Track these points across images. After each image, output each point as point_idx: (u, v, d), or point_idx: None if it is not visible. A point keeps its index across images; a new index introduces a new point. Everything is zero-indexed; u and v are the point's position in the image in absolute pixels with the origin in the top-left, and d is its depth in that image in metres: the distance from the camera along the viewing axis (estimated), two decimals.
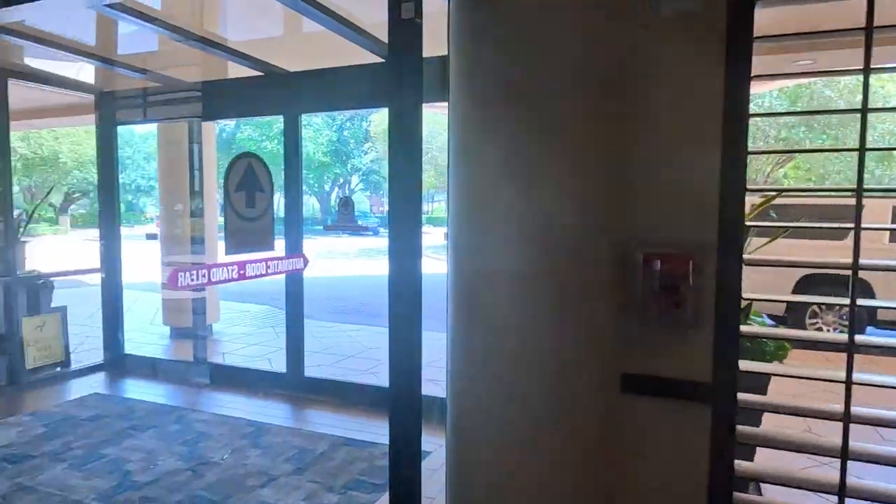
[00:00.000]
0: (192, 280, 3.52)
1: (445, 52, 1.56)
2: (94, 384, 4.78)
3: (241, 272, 3.84)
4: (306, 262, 4.56)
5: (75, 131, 34.48)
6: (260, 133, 36.57)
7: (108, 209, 5.18)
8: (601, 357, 1.64)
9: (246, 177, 3.98)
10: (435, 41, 1.70)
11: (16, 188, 42.38)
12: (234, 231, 3.91)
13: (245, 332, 7.05)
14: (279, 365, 5.13)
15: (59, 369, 5.00)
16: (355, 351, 6.14)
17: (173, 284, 3.38)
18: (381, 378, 4.98)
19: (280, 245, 4.49)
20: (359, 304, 9.89)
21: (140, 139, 62.12)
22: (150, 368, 5.07)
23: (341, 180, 46.36)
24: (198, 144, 5.19)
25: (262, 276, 3.98)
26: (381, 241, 30.20)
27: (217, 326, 6.88)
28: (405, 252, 1.69)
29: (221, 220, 4.99)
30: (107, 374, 5.04)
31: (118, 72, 4.68)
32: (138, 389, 4.68)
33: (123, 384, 4.83)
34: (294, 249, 4.51)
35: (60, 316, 5.06)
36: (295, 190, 4.55)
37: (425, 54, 1.61)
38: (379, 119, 24.89)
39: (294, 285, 4.62)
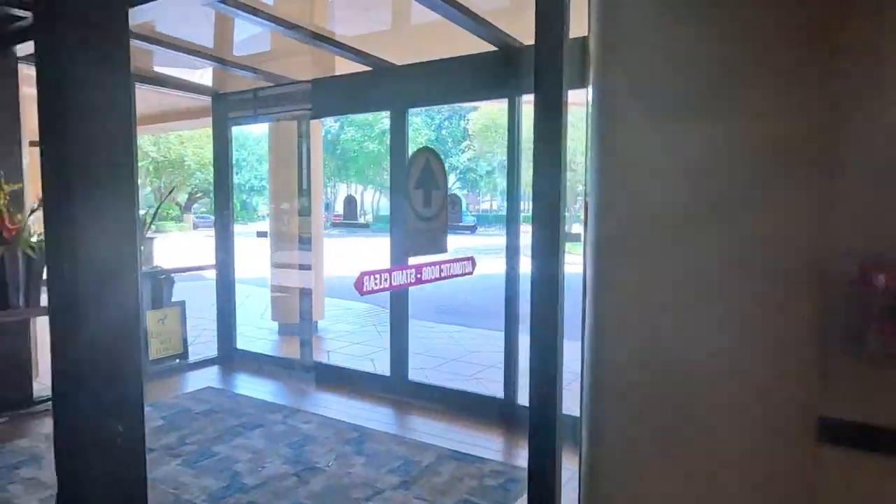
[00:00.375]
0: (376, 285, 3.30)
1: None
2: (209, 377, 4.92)
3: (418, 276, 3.59)
4: (474, 264, 4.27)
5: (197, 135, 37.39)
6: (362, 134, 37.76)
7: (222, 207, 5.33)
8: (792, 394, 1.28)
9: (424, 173, 3.75)
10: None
11: (147, 189, 46.74)
12: (412, 232, 3.68)
13: (348, 331, 7.09)
14: (382, 366, 5.04)
15: (177, 361, 5.21)
16: (458, 354, 5.95)
17: (360, 289, 3.17)
18: (487, 386, 4.73)
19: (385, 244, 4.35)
20: (459, 303, 9.72)
21: (254, 142, 66.29)
22: (259, 364, 5.16)
23: None
24: (306, 143, 5.21)
25: (436, 279, 3.70)
26: (480, 240, 30.13)
27: (322, 324, 6.96)
28: (547, 253, 1.43)
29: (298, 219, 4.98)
30: (220, 368, 5.19)
31: (232, 73, 4.78)
32: (248, 385, 4.75)
33: (235, 379, 4.94)
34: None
35: (180, 310, 5.27)
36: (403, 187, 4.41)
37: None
38: (476, 117, 24.75)
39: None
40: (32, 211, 3.75)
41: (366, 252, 20.97)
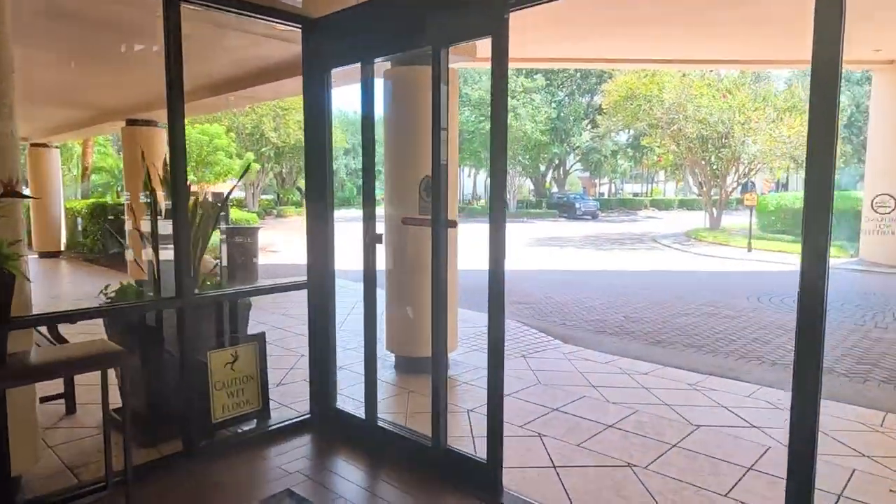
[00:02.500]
0: None
1: None
2: (293, 463, 3.16)
3: None
4: None
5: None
6: (479, 114, 35.73)
7: (318, 189, 3.55)
8: None
9: None
10: None
11: (270, 174, 48.21)
12: None
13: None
14: (562, 437, 3.02)
15: (254, 423, 3.54)
16: (671, 418, 3.79)
17: None
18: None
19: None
20: (619, 316, 7.48)
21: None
22: (372, 438, 3.32)
23: (556, 161, 43.95)
24: (444, 93, 3.25)
25: None
26: (602, 227, 27.17)
27: (455, 355, 5.07)
28: None
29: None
30: (312, 442, 3.43)
31: None
32: (354, 489, 2.93)
33: (334, 469, 3.14)
34: None
35: (258, 348, 3.58)
36: None
37: None
38: (612, 88, 21.79)
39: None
40: None
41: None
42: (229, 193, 6.15)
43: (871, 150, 13.36)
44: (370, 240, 3.25)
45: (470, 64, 8.62)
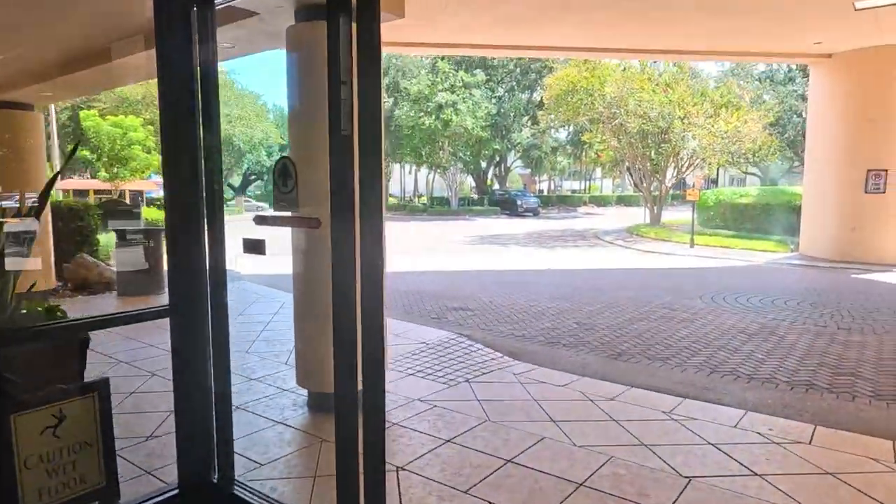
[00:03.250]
0: None
1: None
2: None
3: None
4: None
5: (247, 115, 35.48)
6: (418, 109, 34.71)
7: (181, 177, 2.55)
8: None
9: None
10: None
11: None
12: None
13: (441, 402, 4.20)
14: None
15: None
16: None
17: None
18: None
19: None
20: (572, 322, 6.77)
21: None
22: None
23: (498, 158, 43.56)
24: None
25: None
26: (544, 224, 26.82)
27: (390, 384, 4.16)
28: None
29: None
30: None
31: None
32: None
33: None
34: None
35: (96, 401, 2.55)
36: None
37: None
38: (553, 82, 21.34)
39: None
40: None
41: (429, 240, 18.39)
42: (48, 188, 4.94)
43: (810, 142, 13.37)
44: (248, 249, 2.29)
45: (397, 32, 7.62)
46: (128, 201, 34.08)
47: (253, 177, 68.14)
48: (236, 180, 65.66)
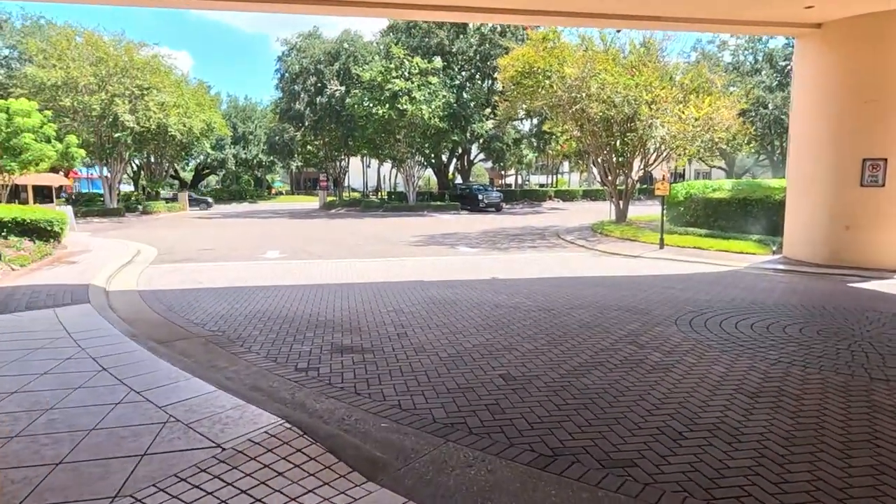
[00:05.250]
0: None
1: None
2: None
3: None
4: None
5: (183, 102, 32.49)
6: (370, 97, 32.23)
7: None
8: None
9: None
10: None
11: (132, 164, 41.88)
12: None
13: None
14: None
15: None
16: None
17: None
18: None
19: None
20: (496, 376, 4.69)
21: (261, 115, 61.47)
22: None
23: (460, 150, 41.39)
24: None
25: None
26: (504, 221, 24.63)
27: None
28: None
29: None
30: None
31: None
32: None
33: None
34: None
35: None
36: None
37: None
38: (506, 63, 19.23)
39: None
40: None
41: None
42: None
43: (795, 128, 11.58)
44: None
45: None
46: (31, 199, 30.86)
47: (206, 170, 64.61)
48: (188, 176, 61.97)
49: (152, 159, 39.25)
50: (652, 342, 5.65)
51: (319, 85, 37.45)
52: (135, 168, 45.32)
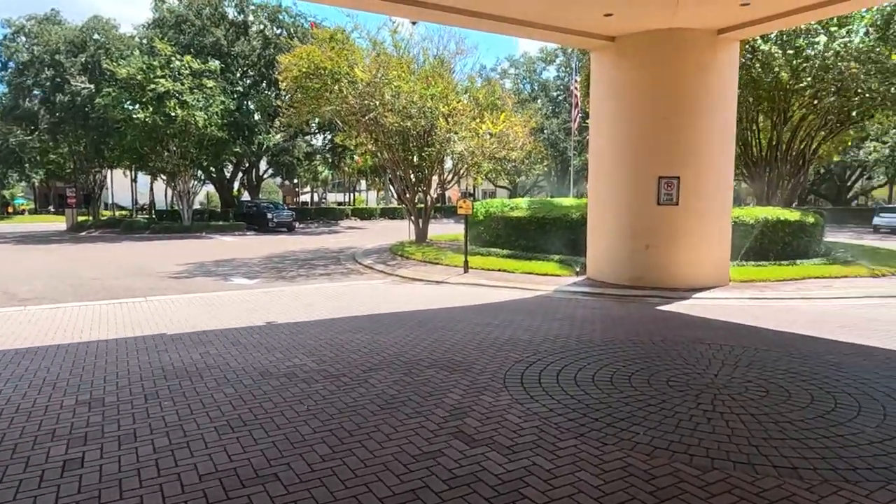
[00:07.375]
0: None
1: None
2: None
3: None
4: None
5: None
6: (129, 96, 26.92)
7: None
8: None
9: None
10: None
11: None
12: None
13: None
14: None
15: None
16: None
17: None
18: None
19: None
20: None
21: None
22: None
23: (246, 164, 37.25)
24: None
25: None
26: (296, 243, 21.76)
27: None
28: None
29: None
30: None
31: None
32: None
33: None
34: None
35: None
36: None
37: None
38: (288, 61, 16.79)
39: None
40: None
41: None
42: None
43: (594, 144, 11.20)
44: None
45: None
46: None
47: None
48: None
49: None
50: (484, 428, 3.88)
51: (59, 80, 30.61)
52: None
